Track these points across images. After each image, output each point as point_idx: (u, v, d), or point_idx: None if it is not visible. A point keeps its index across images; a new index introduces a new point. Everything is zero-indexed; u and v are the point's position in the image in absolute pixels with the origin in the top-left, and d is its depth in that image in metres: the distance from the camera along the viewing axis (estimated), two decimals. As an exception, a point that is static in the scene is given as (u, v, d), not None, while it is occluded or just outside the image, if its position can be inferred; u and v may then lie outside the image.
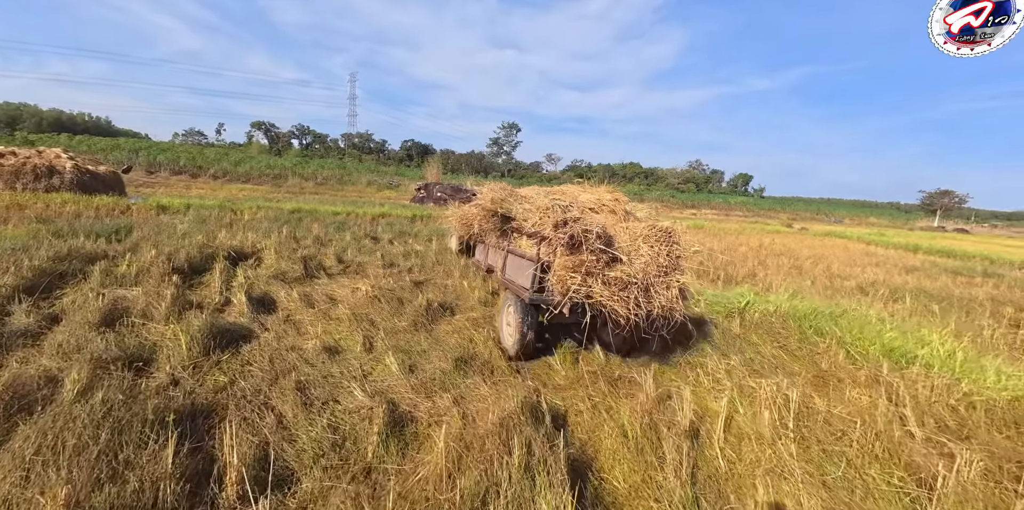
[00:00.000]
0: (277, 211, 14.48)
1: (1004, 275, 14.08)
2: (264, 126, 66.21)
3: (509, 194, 4.76)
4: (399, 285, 6.42)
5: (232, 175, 33.74)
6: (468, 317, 5.45)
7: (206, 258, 6.66)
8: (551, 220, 3.72)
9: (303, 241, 9.49)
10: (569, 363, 4.36)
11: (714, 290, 7.69)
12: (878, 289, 9.16)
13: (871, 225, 58.43)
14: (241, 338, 4.00)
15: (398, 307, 5.35)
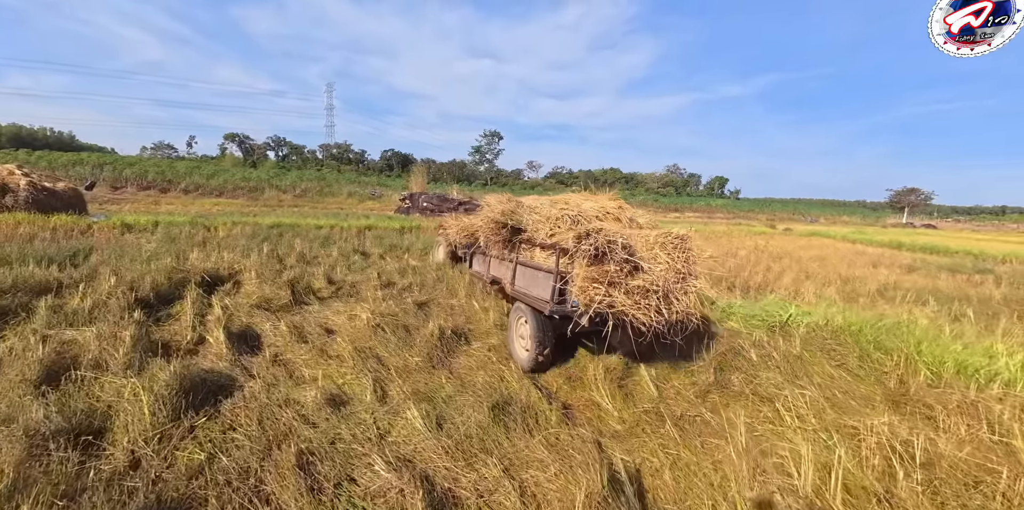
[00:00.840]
0: (255, 226, 13.51)
1: (993, 269, 14.06)
2: (238, 138, 64.17)
3: (517, 205, 4.63)
4: (401, 308, 5.68)
5: (205, 189, 32.23)
6: (487, 345, 4.76)
7: (176, 285, 5.81)
8: (573, 232, 3.65)
9: (287, 260, 8.64)
10: (619, 400, 3.72)
11: (738, 300, 7.18)
12: (897, 292, 8.82)
13: (845, 223, 59.90)
14: (221, 390, 3.22)
15: (406, 337, 4.62)
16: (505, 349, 4.59)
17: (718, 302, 6.77)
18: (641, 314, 3.39)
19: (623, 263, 3.44)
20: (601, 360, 4.40)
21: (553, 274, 3.61)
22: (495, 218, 4.53)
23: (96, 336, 3.67)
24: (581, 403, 3.65)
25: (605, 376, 4.02)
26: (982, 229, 65.25)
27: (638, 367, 4.39)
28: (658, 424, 3.33)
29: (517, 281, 4.40)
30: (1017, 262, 16.71)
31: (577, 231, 3.63)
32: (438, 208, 23.90)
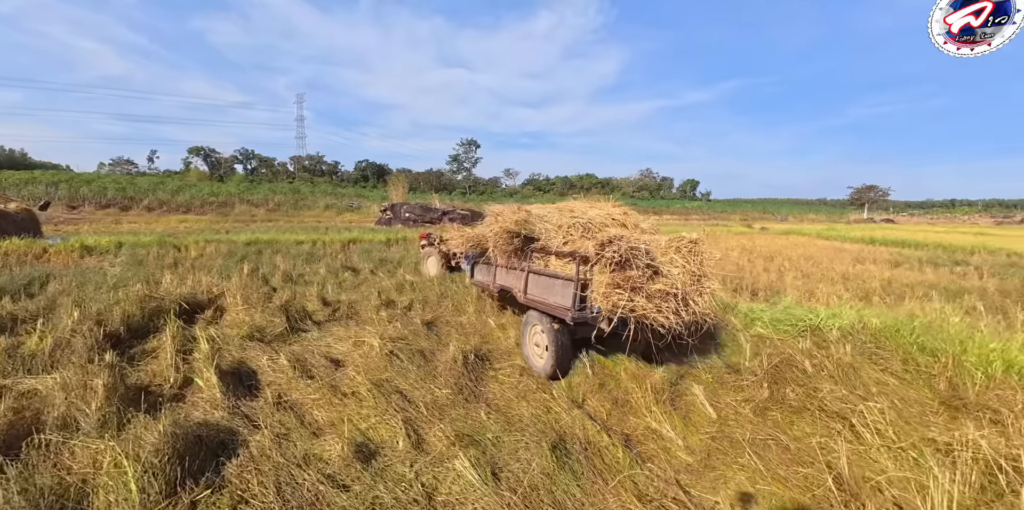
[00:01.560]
0: (230, 244, 12.66)
1: (969, 261, 14.42)
2: (203, 151, 61.70)
3: (527, 215, 4.61)
4: (410, 330, 5.18)
5: (170, 205, 30.57)
6: (514, 367, 4.32)
7: (150, 315, 5.14)
8: (592, 240, 3.70)
9: (272, 280, 7.98)
10: (679, 424, 3.33)
11: (753, 303, 6.96)
12: (900, 289, 8.83)
13: (812, 221, 62.05)
14: (222, 449, 2.67)
15: (424, 365, 4.13)
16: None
17: (739, 306, 6.53)
18: (661, 317, 3.47)
19: (645, 268, 3.48)
20: (647, 378, 4.03)
21: (574, 281, 3.60)
22: (508, 228, 4.45)
23: (61, 386, 3.05)
24: (639, 432, 3.25)
25: (655, 398, 3.64)
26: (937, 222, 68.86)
27: (688, 385, 4.04)
28: (733, 453, 2.97)
29: (530, 289, 4.35)
30: (985, 253, 17.28)
31: (599, 239, 3.62)
32: (420, 218, 23.30)
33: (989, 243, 19.65)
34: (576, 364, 4.25)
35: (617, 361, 4.51)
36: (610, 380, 4.12)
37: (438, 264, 8.78)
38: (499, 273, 5.19)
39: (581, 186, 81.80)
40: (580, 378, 4.08)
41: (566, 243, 4.22)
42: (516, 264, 4.65)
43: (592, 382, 4.01)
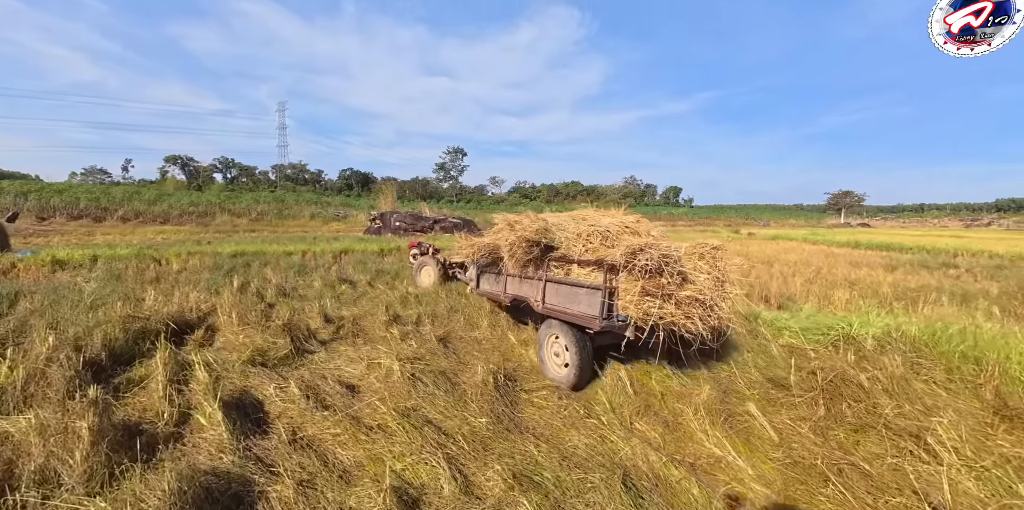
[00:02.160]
0: (215, 256, 12.02)
1: (957, 264, 14.61)
2: (181, 160, 60.02)
3: (547, 223, 4.57)
4: (426, 349, 4.78)
5: (146, 216, 29.35)
6: (549, 388, 3.97)
7: (134, 337, 4.63)
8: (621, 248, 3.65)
9: (265, 294, 7.47)
10: (743, 449, 3.02)
11: (773, 312, 6.75)
12: (908, 294, 8.76)
13: (793, 226, 63.47)
14: (235, 504, 2.24)
15: (451, 388, 3.74)
16: (587, 397, 3.83)
17: (762, 314, 6.31)
18: (691, 323, 3.49)
19: (675, 275, 3.50)
20: (692, 397, 3.72)
21: (601, 290, 3.60)
22: (528, 237, 4.36)
23: (38, 429, 2.57)
24: (704, 460, 2.92)
25: (711, 420, 3.33)
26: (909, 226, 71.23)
27: (737, 403, 3.75)
28: (811, 482, 2.68)
29: (549, 299, 4.33)
30: (968, 255, 17.59)
31: (630, 247, 3.58)
32: (411, 227, 22.81)
33: (968, 245, 20.11)
34: (615, 382, 3.93)
35: (656, 379, 4.20)
36: (653, 400, 3.81)
37: (433, 274, 8.43)
38: (511, 283, 5.08)
39: (567, 193, 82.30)
40: (622, 398, 3.75)
41: (587, 251, 4.20)
42: (533, 273, 4.58)
43: (636, 403, 3.68)
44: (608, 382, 3.97)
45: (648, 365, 4.46)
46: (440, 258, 8.52)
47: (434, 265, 8.41)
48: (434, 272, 8.39)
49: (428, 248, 9.34)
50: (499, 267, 5.24)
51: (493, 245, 5.25)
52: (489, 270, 5.61)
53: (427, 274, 8.62)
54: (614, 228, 4.39)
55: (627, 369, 4.09)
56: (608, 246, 4.17)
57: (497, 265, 5.32)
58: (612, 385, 3.93)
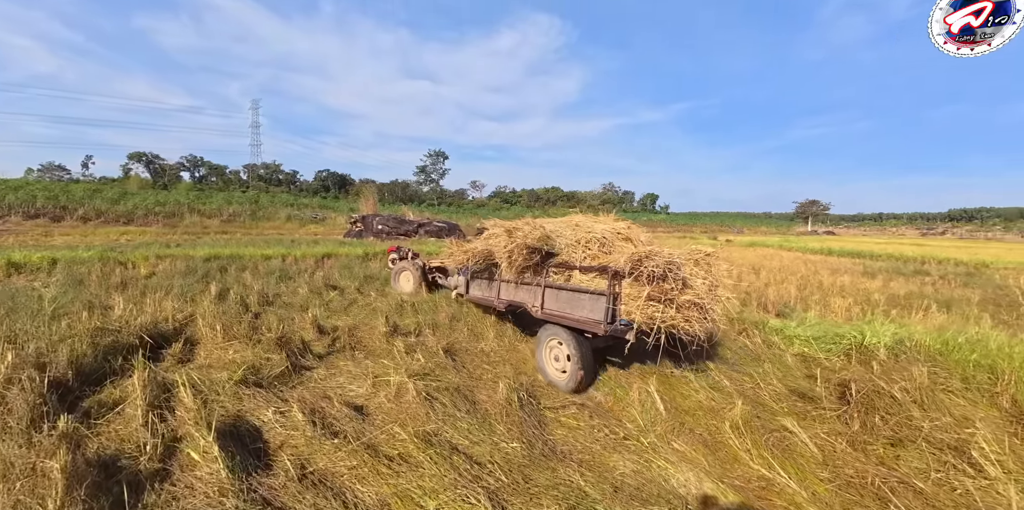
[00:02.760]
0: (187, 260, 11.30)
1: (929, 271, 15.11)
2: (145, 157, 57.17)
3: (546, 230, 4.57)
4: (434, 363, 4.44)
5: (109, 216, 27.67)
6: (578, 406, 3.70)
7: (105, 353, 4.13)
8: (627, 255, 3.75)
9: (248, 301, 6.94)
10: (791, 470, 2.82)
11: (782, 320, 6.69)
12: (896, 301, 8.91)
13: (764, 233, 65.45)
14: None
15: (471, 408, 3.42)
16: (616, 415, 3.57)
17: (769, 323, 6.22)
18: (689, 326, 3.63)
19: (678, 281, 3.59)
20: (724, 413, 3.52)
21: (606, 295, 3.67)
22: (530, 243, 4.35)
23: (1, 473, 2.13)
24: (753, 482, 2.72)
25: (752, 439, 3.13)
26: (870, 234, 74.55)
27: (770, 418, 3.57)
28: (870, 504, 2.50)
29: (548, 304, 4.36)
30: (935, 263, 18.27)
31: (636, 254, 3.67)
32: (395, 230, 22.23)
33: (934, 253, 20.93)
34: (644, 397, 3.70)
35: (682, 392, 3.99)
36: (687, 417, 3.59)
37: (413, 279, 8.22)
38: (505, 289, 5.05)
39: (547, 199, 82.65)
40: (653, 414, 3.52)
41: (587, 258, 4.27)
42: (531, 279, 4.58)
43: (669, 420, 3.46)
44: (636, 397, 3.74)
45: (671, 378, 4.26)
46: (420, 263, 8.34)
47: (414, 270, 8.23)
48: (414, 277, 8.21)
49: (407, 252, 9.14)
50: (492, 273, 5.17)
51: (487, 251, 5.12)
52: (481, 276, 5.50)
53: (407, 279, 8.41)
54: (609, 235, 4.49)
55: (655, 386, 3.86)
56: (606, 252, 4.30)
57: (490, 271, 5.24)
58: (640, 400, 3.70)
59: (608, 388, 4.09)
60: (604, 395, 3.97)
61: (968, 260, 18.60)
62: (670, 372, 4.32)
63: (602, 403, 3.86)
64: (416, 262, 8.38)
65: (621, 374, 4.46)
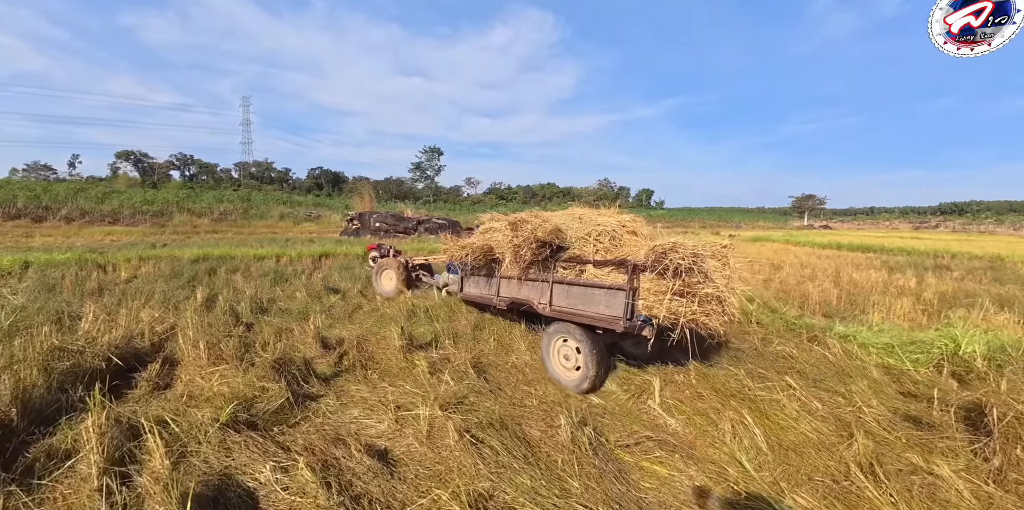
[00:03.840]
0: (173, 262, 10.43)
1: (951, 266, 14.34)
2: (134, 156, 55.66)
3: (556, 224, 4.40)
4: (466, 386, 3.68)
5: (94, 215, 26.52)
6: (652, 440, 2.95)
7: (61, 382, 3.33)
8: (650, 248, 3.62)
9: (238, 308, 6.13)
10: None
11: (846, 326, 5.98)
12: (948, 300, 8.24)
13: (763, 228, 65.04)
14: None
15: (528, 453, 2.66)
16: (705, 453, 2.82)
17: (837, 329, 5.51)
18: (710, 320, 3.55)
19: (701, 274, 3.51)
20: (839, 448, 2.79)
21: (625, 290, 3.57)
22: (541, 237, 4.14)
23: None
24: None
25: (893, 487, 2.41)
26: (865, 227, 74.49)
27: (894, 450, 2.85)
28: None
29: (557, 301, 4.20)
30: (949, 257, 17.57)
31: (660, 246, 3.54)
32: (393, 228, 21.36)
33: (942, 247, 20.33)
34: (740, 429, 2.97)
35: (781, 424, 3.25)
36: (792, 454, 2.86)
37: (395, 278, 7.75)
38: (506, 285, 4.82)
39: (543, 195, 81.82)
40: (754, 453, 2.79)
41: (598, 252, 4.12)
42: (537, 275, 4.37)
43: (775, 462, 2.73)
44: (728, 429, 3.01)
45: (758, 400, 3.52)
46: (402, 260, 7.96)
47: (396, 268, 7.76)
48: (396, 276, 7.72)
49: (388, 250, 8.64)
50: (491, 269, 4.92)
51: (486, 247, 4.87)
52: (479, 273, 5.23)
53: (388, 278, 7.92)
54: (617, 228, 4.38)
55: (749, 407, 3.12)
56: (615, 246, 4.16)
57: (489, 268, 4.97)
58: (734, 432, 2.97)
59: (685, 415, 3.36)
60: (683, 425, 3.23)
61: (981, 254, 17.97)
62: (750, 392, 3.58)
63: (682, 436, 3.12)
64: (399, 260, 7.98)
65: (687, 392, 3.73)
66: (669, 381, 3.99)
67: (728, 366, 4.37)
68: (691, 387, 3.90)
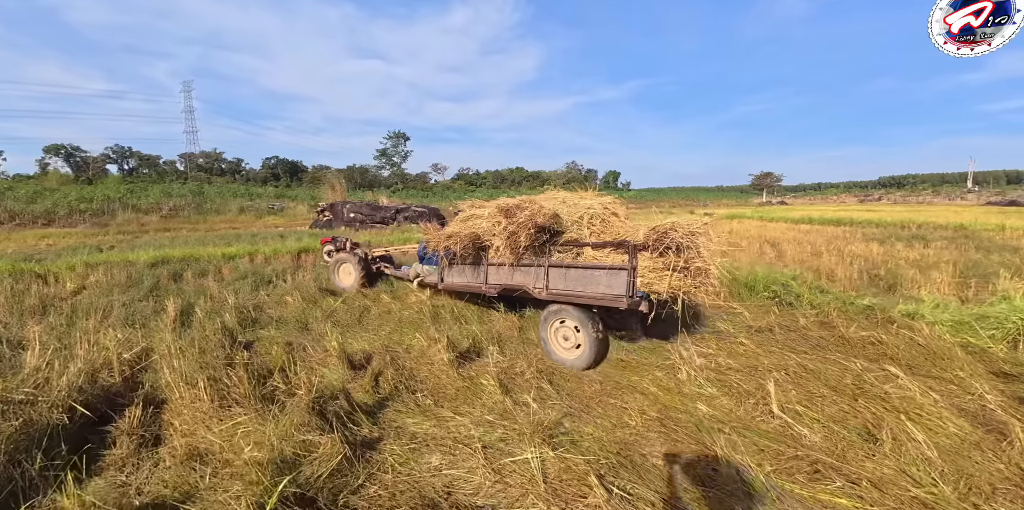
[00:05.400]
0: (127, 267, 9.05)
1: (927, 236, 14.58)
2: (64, 150, 50.35)
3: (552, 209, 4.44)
4: (553, 408, 2.99)
5: (24, 216, 23.58)
6: (810, 464, 2.38)
7: (9, 451, 2.40)
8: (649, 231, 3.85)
9: (221, 319, 5.13)
10: None
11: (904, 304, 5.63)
12: (971, 271, 8.19)
13: (728, 205, 66.70)
14: None
15: (692, 501, 2.03)
16: (876, 476, 2.26)
17: (900, 308, 5.16)
18: (701, 293, 3.83)
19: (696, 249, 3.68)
20: (1005, 453, 2.31)
21: (627, 270, 3.73)
22: (540, 222, 4.15)
23: None
24: None
25: None
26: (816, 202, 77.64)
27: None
28: None
29: (554, 284, 4.28)
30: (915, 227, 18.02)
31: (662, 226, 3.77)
32: (369, 218, 20.03)
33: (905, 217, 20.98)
34: (899, 439, 2.44)
35: (930, 426, 2.75)
36: (959, 460, 2.36)
37: (355, 272, 7.26)
38: (496, 272, 4.78)
39: (512, 179, 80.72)
40: (922, 464, 2.27)
41: (592, 234, 4.28)
42: (532, 260, 4.40)
43: (949, 470, 2.22)
44: (884, 438, 2.47)
45: (886, 400, 3.02)
46: (361, 253, 7.55)
47: (355, 262, 7.30)
48: (355, 270, 7.28)
49: (345, 242, 8.10)
50: (477, 257, 4.87)
51: (473, 235, 4.73)
52: (464, 261, 5.06)
53: (347, 272, 7.43)
54: (605, 210, 4.52)
55: (882, 407, 2.59)
56: (606, 228, 4.33)
57: (474, 255, 4.88)
58: (892, 441, 2.43)
59: (816, 423, 2.81)
60: (819, 435, 2.68)
61: (944, 223, 18.59)
62: (872, 388, 3.07)
63: (828, 449, 2.56)
64: (357, 253, 7.55)
65: (794, 392, 3.20)
66: (765, 376, 3.44)
67: (830, 357, 3.89)
68: (799, 386, 3.37)
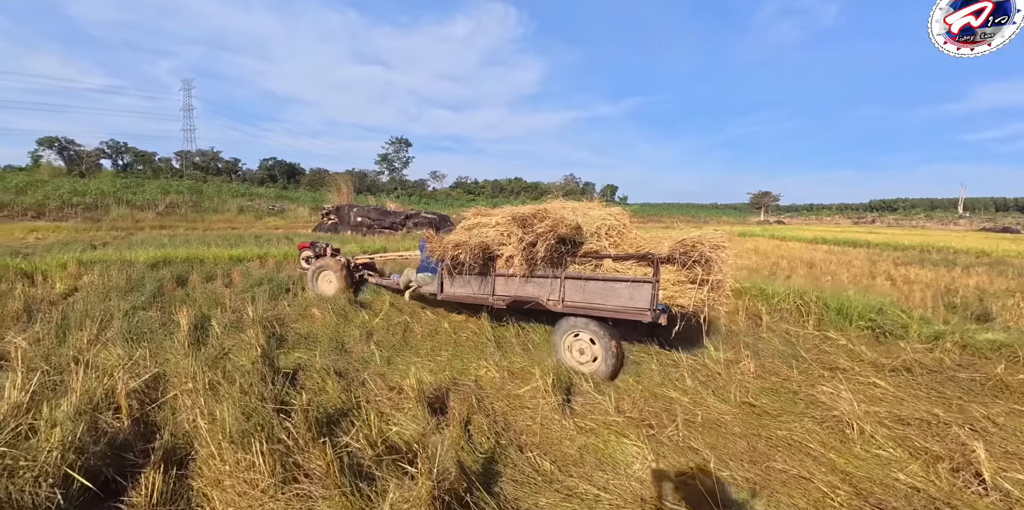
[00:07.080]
0: (125, 267, 8.11)
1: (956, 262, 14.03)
2: (59, 143, 48.97)
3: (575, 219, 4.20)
4: (726, 494, 2.21)
5: (14, 209, 22.37)
6: None
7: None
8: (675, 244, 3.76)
9: (248, 333, 4.29)
10: None
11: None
12: None
13: (727, 223, 66.64)
14: None
15: None
16: None
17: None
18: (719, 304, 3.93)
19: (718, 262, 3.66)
20: None
21: (651, 283, 3.69)
22: (562, 233, 3.97)
23: None
24: None
25: None
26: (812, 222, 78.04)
27: None
28: None
29: (571, 297, 4.16)
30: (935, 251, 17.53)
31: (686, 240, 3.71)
32: (378, 223, 19.19)
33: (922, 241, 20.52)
34: None
35: None
36: None
37: (335, 280, 6.80)
38: (505, 284, 4.61)
39: (511, 190, 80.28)
40: None
41: (610, 246, 4.20)
42: (546, 271, 4.27)
43: None
44: None
45: None
46: (343, 260, 7.08)
47: (337, 269, 6.83)
48: (336, 277, 6.83)
49: (325, 248, 7.62)
50: (483, 267, 4.69)
51: (483, 244, 4.51)
52: (469, 271, 4.84)
53: (327, 280, 6.96)
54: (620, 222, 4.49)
55: None
56: (622, 240, 4.29)
57: (480, 265, 4.69)
58: None
59: None
60: None
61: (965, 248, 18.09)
62: None
63: None
64: (339, 260, 7.06)
65: None
66: (944, 431, 2.68)
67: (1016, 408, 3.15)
68: (991, 444, 2.62)
